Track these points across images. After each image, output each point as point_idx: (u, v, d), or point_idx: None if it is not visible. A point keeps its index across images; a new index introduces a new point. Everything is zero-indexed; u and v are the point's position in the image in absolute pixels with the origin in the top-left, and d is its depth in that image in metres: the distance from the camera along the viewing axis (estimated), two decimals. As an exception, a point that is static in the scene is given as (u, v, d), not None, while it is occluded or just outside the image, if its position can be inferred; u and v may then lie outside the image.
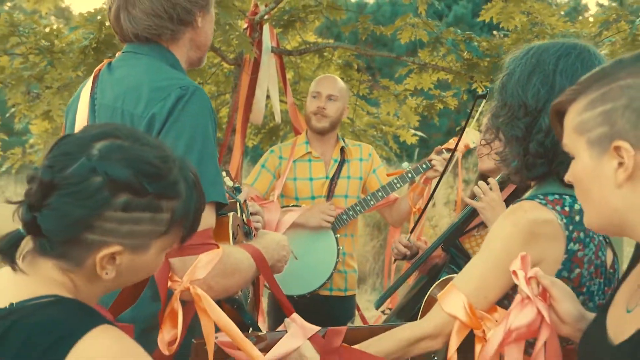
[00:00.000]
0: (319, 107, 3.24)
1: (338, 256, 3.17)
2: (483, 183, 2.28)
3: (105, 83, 1.69)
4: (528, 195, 1.65)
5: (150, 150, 1.17)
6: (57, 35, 3.22)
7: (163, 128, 1.51)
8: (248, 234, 1.90)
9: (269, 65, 3.78)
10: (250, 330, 1.69)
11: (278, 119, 4.12)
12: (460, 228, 2.33)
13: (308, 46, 4.14)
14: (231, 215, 1.67)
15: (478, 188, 2.28)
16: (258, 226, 2.06)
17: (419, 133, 4.89)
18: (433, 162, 3.03)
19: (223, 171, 1.76)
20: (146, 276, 1.27)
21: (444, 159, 2.98)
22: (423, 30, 3.93)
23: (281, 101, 4.23)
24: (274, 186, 3.29)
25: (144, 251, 1.17)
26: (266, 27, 3.62)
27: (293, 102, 3.91)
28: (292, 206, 3.25)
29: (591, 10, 31.16)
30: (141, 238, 1.16)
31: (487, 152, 1.93)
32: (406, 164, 3.30)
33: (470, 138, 2.92)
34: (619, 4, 27.37)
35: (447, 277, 1.93)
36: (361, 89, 4.62)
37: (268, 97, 3.89)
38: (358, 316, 3.57)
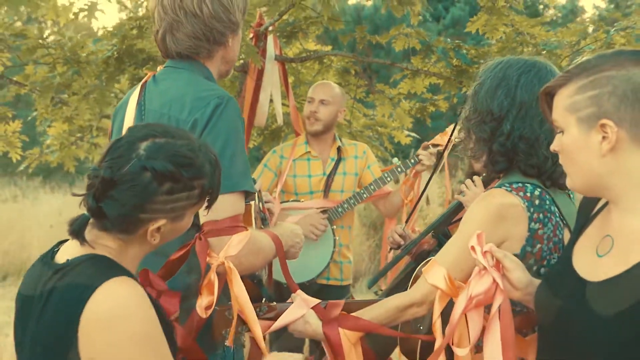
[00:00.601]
0: (312, 112, 3.57)
1: (335, 246, 3.44)
2: (469, 180, 2.59)
3: (152, 92, 1.98)
4: (497, 184, 1.96)
5: (182, 143, 1.48)
6: (82, 46, 3.53)
7: (204, 131, 1.81)
8: (264, 220, 2.20)
9: (273, 71, 4.05)
10: (263, 300, 1.99)
11: (280, 121, 4.40)
12: (448, 218, 2.61)
13: (309, 54, 4.41)
14: (253, 203, 1.97)
15: (464, 185, 2.59)
16: (270, 208, 2.38)
17: (413, 134, 5.14)
18: (420, 157, 3.33)
19: None
20: (175, 237, 1.57)
21: (431, 154, 3.29)
22: (416, 39, 4.22)
23: (283, 104, 4.47)
24: (276, 183, 3.58)
25: (181, 219, 1.51)
26: (270, 37, 3.88)
27: (294, 106, 4.17)
28: (292, 201, 3.54)
29: (588, 12, 31.25)
30: (180, 211, 1.49)
31: (466, 151, 2.24)
32: (396, 160, 3.58)
33: (454, 134, 3.26)
34: (615, 7, 27.54)
35: (432, 259, 2.25)
36: (358, 93, 4.86)
37: (271, 101, 4.12)
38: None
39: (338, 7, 3.55)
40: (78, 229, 1.46)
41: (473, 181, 2.52)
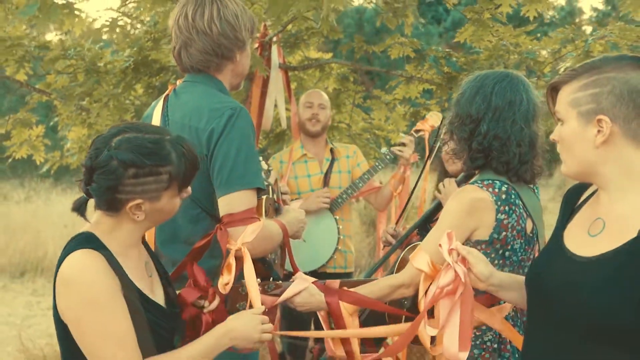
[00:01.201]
0: (314, 114, 3.90)
1: (339, 233, 3.75)
2: (445, 180, 2.91)
3: (173, 105, 2.28)
4: (471, 181, 2.27)
5: (148, 137, 1.74)
6: (101, 57, 3.83)
7: (220, 138, 2.10)
8: (277, 209, 2.51)
9: (277, 79, 4.33)
10: (271, 279, 2.28)
11: (284, 125, 4.68)
12: (430, 216, 2.89)
13: (310, 62, 4.70)
14: (264, 198, 2.27)
15: (442, 185, 2.91)
16: (286, 198, 2.69)
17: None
18: (404, 141, 3.65)
19: (260, 157, 2.36)
20: (168, 216, 1.86)
21: (410, 141, 3.61)
22: (410, 47, 4.51)
23: (286, 109, 4.70)
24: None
25: (158, 200, 1.77)
26: (274, 47, 4.17)
27: (296, 111, 4.49)
28: (296, 200, 3.84)
29: (586, 14, 31.25)
30: (152, 192, 1.74)
31: (452, 154, 2.53)
32: (385, 149, 3.89)
33: (434, 119, 3.64)
34: (612, 8, 27.50)
35: (414, 244, 2.55)
36: (356, 98, 5.13)
37: (275, 106, 4.39)
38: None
39: (336, 21, 3.81)
40: (78, 207, 1.80)
41: (444, 185, 2.85)
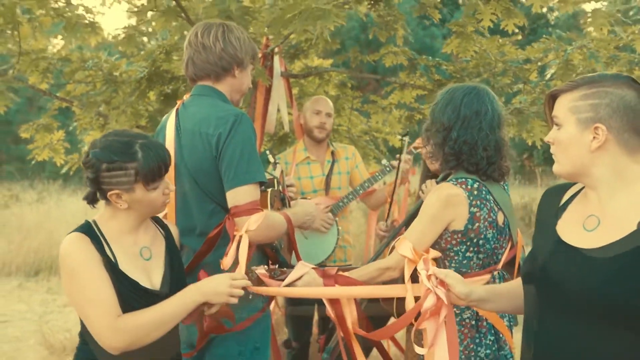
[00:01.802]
0: (322, 122, 4.18)
1: (338, 234, 4.05)
2: (427, 182, 3.24)
3: (184, 115, 2.61)
4: (447, 179, 2.58)
5: (120, 139, 2.08)
6: (118, 68, 4.16)
7: (226, 141, 2.43)
8: (283, 200, 2.83)
9: (279, 86, 4.62)
10: (277, 266, 2.58)
11: (287, 128, 4.99)
12: (415, 213, 3.19)
13: (310, 70, 5.01)
14: (269, 190, 2.60)
15: (424, 186, 3.23)
16: (292, 193, 3.00)
17: (405, 139, 5.70)
18: (402, 157, 3.94)
19: (267, 151, 2.67)
20: (151, 208, 2.16)
21: (409, 158, 3.91)
22: (403, 56, 4.81)
23: (288, 114, 4.99)
24: None
25: (133, 191, 2.09)
26: (276, 58, 4.45)
27: (298, 115, 4.79)
28: (300, 199, 4.14)
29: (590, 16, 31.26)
30: (125, 184, 2.07)
31: (429, 156, 2.86)
32: (385, 161, 4.20)
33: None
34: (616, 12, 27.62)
35: (402, 237, 2.87)
36: (355, 103, 5.43)
37: (278, 111, 4.67)
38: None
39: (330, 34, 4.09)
40: (86, 198, 2.16)
41: (426, 186, 3.18)
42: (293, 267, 2.53)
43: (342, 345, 2.67)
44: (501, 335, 2.54)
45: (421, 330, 2.10)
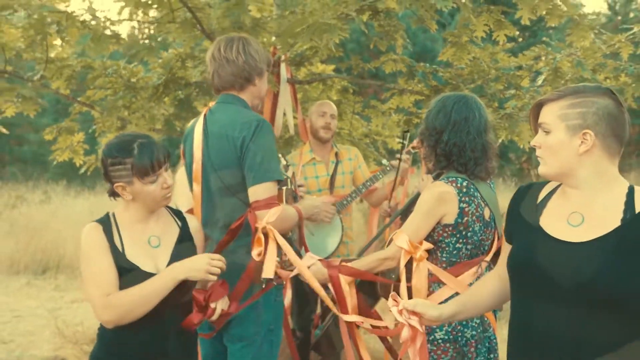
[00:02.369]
0: (327, 123, 4.46)
1: (342, 230, 4.34)
2: (424, 175, 3.52)
3: (211, 120, 2.89)
4: (440, 178, 2.88)
5: (122, 139, 2.35)
6: (136, 74, 4.45)
7: (249, 143, 2.71)
8: (295, 198, 3.11)
9: (285, 92, 4.90)
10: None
11: (292, 131, 5.27)
12: (411, 204, 3.47)
13: (314, 76, 5.30)
14: (284, 189, 2.88)
15: (421, 179, 3.52)
16: (302, 192, 3.30)
17: (403, 141, 5.99)
18: (402, 157, 4.23)
19: (280, 155, 2.96)
20: (151, 199, 2.37)
21: (408, 158, 4.19)
22: (402, 63, 5.10)
23: (294, 117, 5.31)
24: None
25: (132, 184, 2.34)
26: (283, 65, 4.71)
27: (303, 119, 5.01)
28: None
29: (588, 18, 31.46)
30: (125, 177, 2.32)
31: (424, 157, 3.15)
32: (385, 161, 4.48)
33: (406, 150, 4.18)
34: (614, 14, 27.65)
35: (399, 230, 3.17)
36: (356, 108, 5.72)
37: (284, 115, 4.90)
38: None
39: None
40: (108, 192, 2.44)
41: (422, 179, 3.47)
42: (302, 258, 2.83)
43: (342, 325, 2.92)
44: (486, 318, 2.83)
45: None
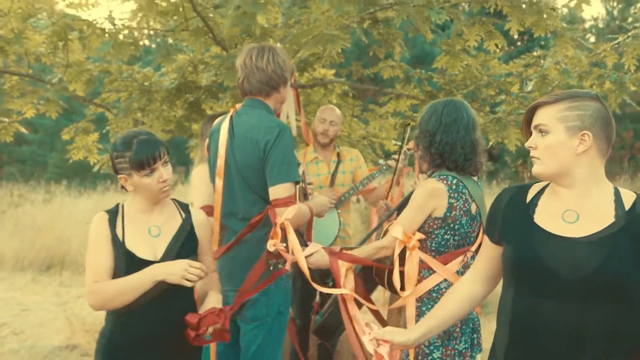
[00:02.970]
0: (325, 129, 4.72)
1: (340, 224, 4.61)
2: (420, 176, 3.82)
3: (237, 122, 3.12)
4: (432, 176, 3.18)
5: (125, 135, 2.51)
6: (150, 78, 4.75)
7: (272, 147, 2.95)
8: (305, 195, 3.38)
9: (289, 95, 5.20)
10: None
11: (294, 133, 5.54)
12: (406, 201, 3.78)
13: (316, 81, 5.59)
14: (297, 187, 3.11)
15: (417, 179, 3.82)
16: (310, 190, 3.57)
17: (398, 142, 6.24)
18: (400, 157, 4.50)
19: None
20: (149, 192, 2.51)
21: (403, 158, 4.47)
22: (399, 69, 5.40)
23: (296, 120, 5.59)
24: None
25: (131, 176, 2.49)
26: None
27: (305, 122, 5.31)
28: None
29: (587, 22, 31.75)
30: (125, 170, 2.49)
31: (419, 158, 3.45)
32: (382, 161, 4.76)
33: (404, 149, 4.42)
34: (611, 18, 27.82)
35: (395, 222, 3.46)
36: (355, 111, 6.01)
37: (287, 117, 5.31)
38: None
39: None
40: (122, 186, 2.60)
41: (419, 178, 3.77)
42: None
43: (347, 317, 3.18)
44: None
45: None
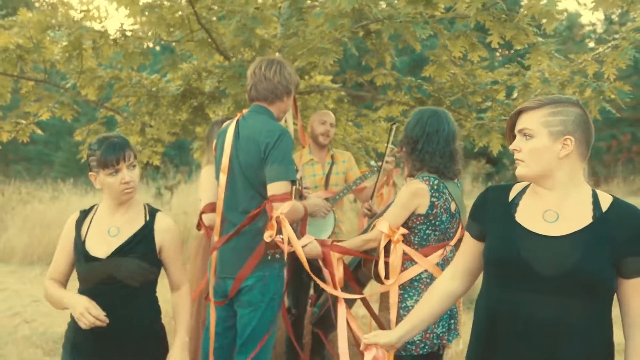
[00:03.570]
0: (326, 130, 5.01)
1: (335, 221, 4.89)
2: (407, 179, 4.13)
3: (243, 126, 3.40)
4: (416, 177, 3.50)
5: (99, 137, 2.63)
6: (157, 84, 5.08)
7: (272, 148, 3.21)
8: (301, 196, 3.68)
9: None
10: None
11: (292, 136, 5.86)
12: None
13: (313, 87, 5.89)
14: (293, 188, 3.38)
15: (404, 181, 4.13)
16: (307, 192, 3.88)
17: (391, 145, 6.57)
18: (388, 159, 4.80)
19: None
20: (112, 191, 2.62)
21: (393, 159, 4.76)
22: (391, 77, 5.69)
23: (293, 124, 5.79)
24: None
25: (98, 174, 2.61)
26: None
27: (301, 125, 5.57)
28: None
29: (585, 28, 31.95)
30: (94, 168, 2.61)
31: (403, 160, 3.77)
32: (373, 162, 5.04)
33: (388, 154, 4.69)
34: (610, 23, 27.92)
35: (381, 218, 3.78)
36: (349, 116, 6.29)
37: (285, 121, 5.41)
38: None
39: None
40: None
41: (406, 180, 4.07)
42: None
43: (331, 301, 3.52)
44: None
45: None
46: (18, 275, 9.65)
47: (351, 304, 3.87)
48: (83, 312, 2.51)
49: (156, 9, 4.17)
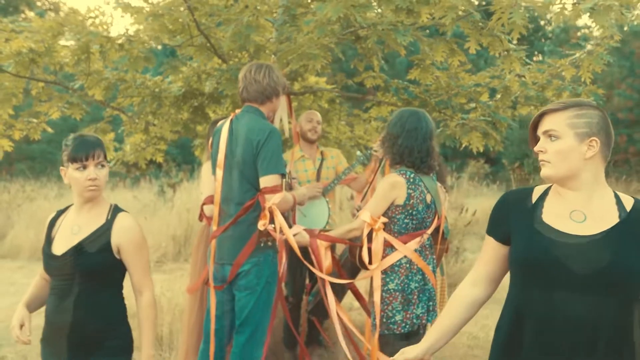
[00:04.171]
0: (313, 127, 5.37)
1: (329, 212, 5.16)
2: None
3: (236, 124, 3.70)
4: (394, 171, 3.85)
5: (75, 135, 2.69)
6: (160, 85, 5.43)
7: (263, 145, 3.49)
8: (290, 187, 4.04)
9: (282, 102, 5.77)
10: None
11: (287, 135, 6.15)
12: None
13: (307, 89, 6.22)
14: (283, 181, 3.71)
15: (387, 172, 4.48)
16: (295, 184, 4.23)
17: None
18: (375, 148, 5.12)
19: None
20: (78, 186, 2.65)
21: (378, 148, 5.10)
22: (380, 79, 6.02)
23: (288, 122, 6.18)
24: None
25: (67, 170, 2.67)
26: None
27: (296, 124, 5.84)
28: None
29: (580, 31, 32.19)
30: (65, 162, 2.67)
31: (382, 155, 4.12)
32: (359, 152, 5.33)
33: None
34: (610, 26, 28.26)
35: (364, 208, 4.12)
36: (342, 116, 6.60)
37: (280, 121, 5.89)
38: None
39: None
40: None
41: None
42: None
43: (323, 289, 3.81)
44: (426, 275, 3.76)
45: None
46: (26, 270, 9.99)
47: (342, 295, 4.21)
48: (14, 329, 2.72)
49: (159, 18, 4.52)
